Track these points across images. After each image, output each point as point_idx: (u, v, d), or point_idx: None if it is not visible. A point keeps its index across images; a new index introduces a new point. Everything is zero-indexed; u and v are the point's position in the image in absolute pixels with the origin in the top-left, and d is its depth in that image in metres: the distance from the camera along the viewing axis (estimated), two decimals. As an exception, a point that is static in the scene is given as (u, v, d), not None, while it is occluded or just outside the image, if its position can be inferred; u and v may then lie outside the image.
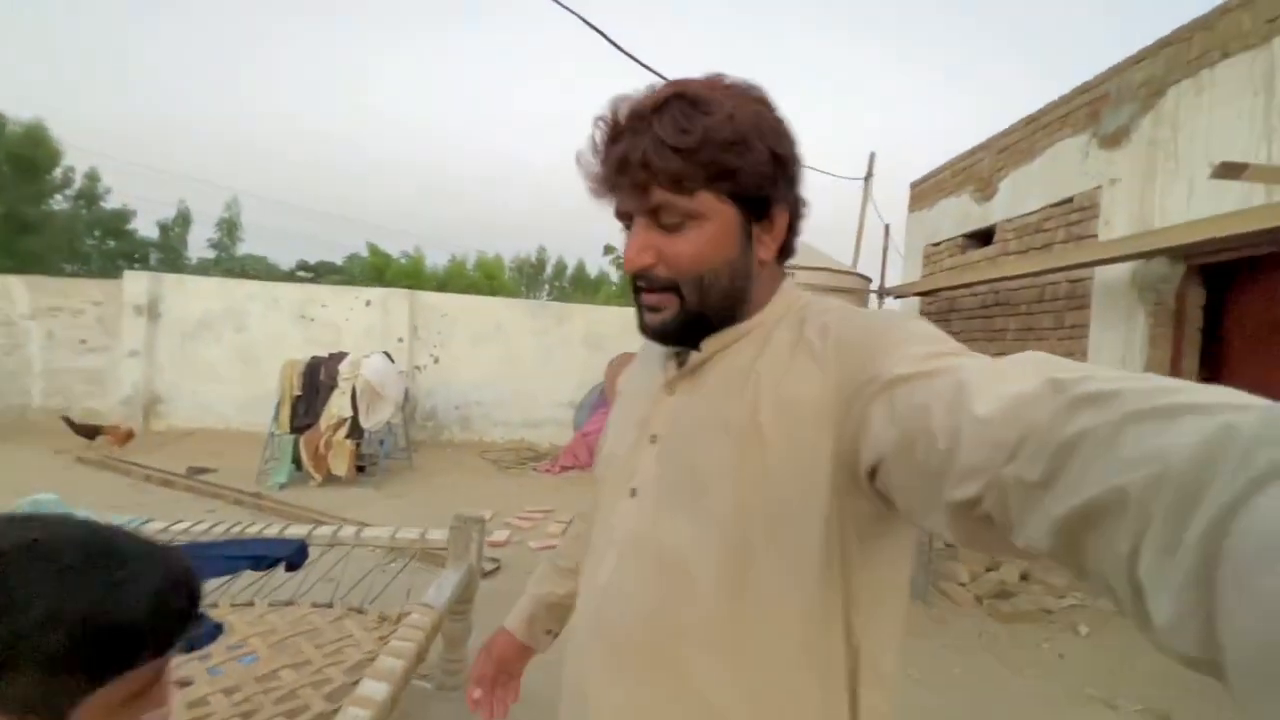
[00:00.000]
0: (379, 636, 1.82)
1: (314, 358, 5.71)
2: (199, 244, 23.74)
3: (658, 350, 0.70)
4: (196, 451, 6.34)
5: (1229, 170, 2.26)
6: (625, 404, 0.74)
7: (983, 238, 5.63)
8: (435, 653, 2.34)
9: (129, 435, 5.79)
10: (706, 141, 0.55)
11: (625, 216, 0.61)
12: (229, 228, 24.13)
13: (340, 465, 5.35)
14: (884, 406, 0.47)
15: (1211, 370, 3.62)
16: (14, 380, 7.02)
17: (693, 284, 0.59)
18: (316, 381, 5.59)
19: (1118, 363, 3.88)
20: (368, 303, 7.36)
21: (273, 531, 2.39)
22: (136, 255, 20.19)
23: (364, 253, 22.24)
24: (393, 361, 5.98)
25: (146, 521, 2.36)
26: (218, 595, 1.99)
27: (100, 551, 0.51)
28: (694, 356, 0.63)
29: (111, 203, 18.62)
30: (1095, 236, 4.13)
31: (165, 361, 7.11)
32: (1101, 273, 4.04)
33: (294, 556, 2.21)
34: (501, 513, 4.81)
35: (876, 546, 0.57)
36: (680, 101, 0.55)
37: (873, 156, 7.96)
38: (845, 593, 0.57)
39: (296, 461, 5.42)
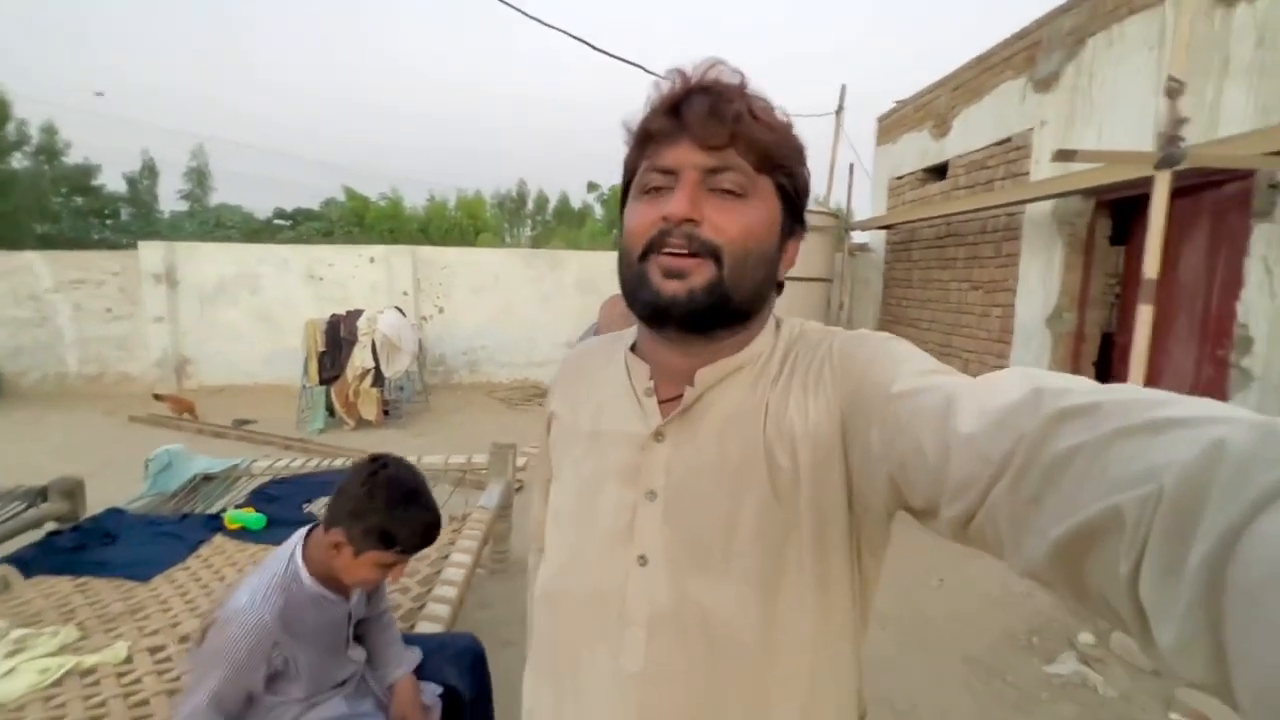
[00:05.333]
0: (451, 531, 2.51)
1: (333, 315, 6.26)
2: (169, 196, 23.11)
3: (620, 381, 0.64)
4: (231, 406, 6.98)
5: (1064, 155, 2.80)
6: (586, 442, 0.64)
7: (939, 172, 6.10)
8: (486, 547, 3.06)
9: (187, 405, 6.37)
10: (788, 134, 0.57)
11: (667, 173, 0.55)
12: (199, 177, 23.45)
13: (369, 410, 6.03)
14: (879, 428, 0.48)
15: (1119, 292, 4.26)
16: (50, 350, 7.54)
17: (738, 254, 0.54)
18: (338, 337, 6.17)
19: (1039, 286, 4.51)
20: (371, 260, 7.82)
21: (338, 464, 3.07)
22: (107, 211, 19.73)
23: (340, 196, 21.96)
24: (404, 315, 6.53)
25: (253, 461, 3.02)
26: (318, 511, 2.67)
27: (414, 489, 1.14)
28: (689, 394, 0.58)
29: (72, 157, 18.03)
30: (1028, 174, 4.65)
31: (189, 325, 7.63)
32: (1030, 207, 4.60)
33: (375, 480, 2.90)
34: (517, 444, 5.53)
35: (875, 567, 0.59)
36: (762, 94, 0.57)
37: (844, 89, 8.22)
38: (862, 617, 0.59)
39: (330, 409, 6.08)
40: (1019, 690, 2.29)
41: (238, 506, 2.57)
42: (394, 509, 1.09)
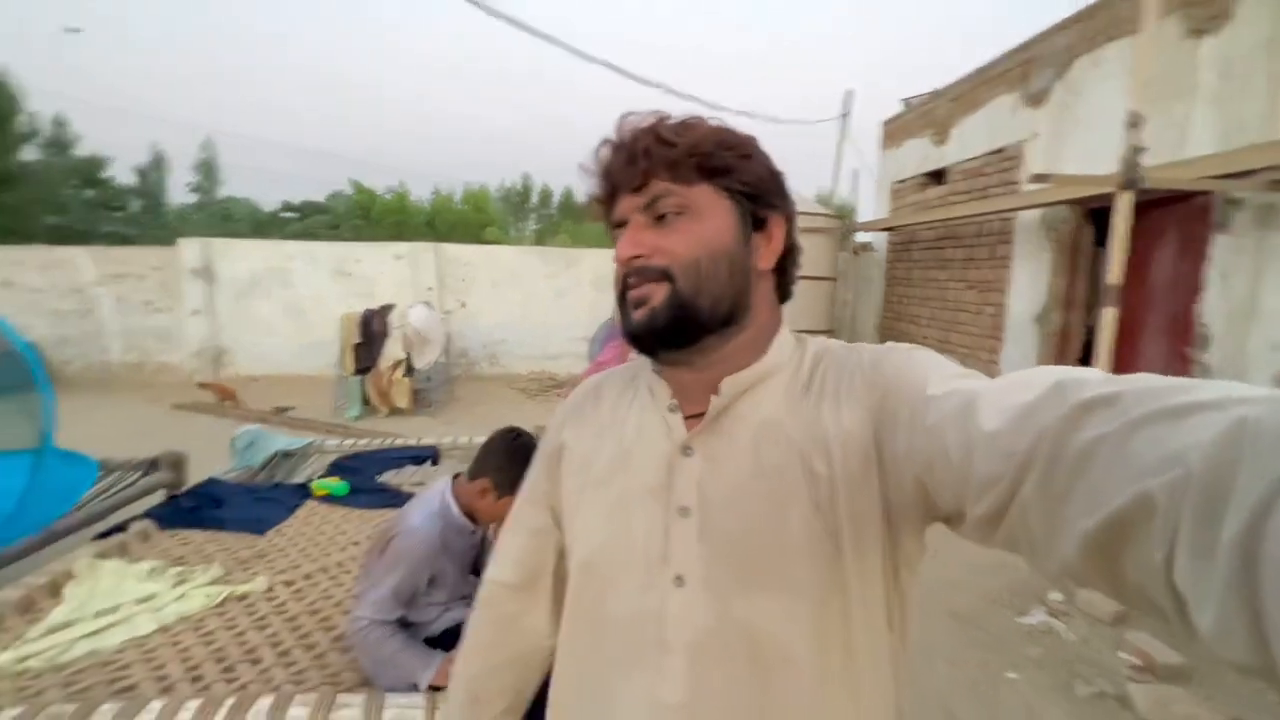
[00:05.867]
0: (505, 499, 2.91)
1: (367, 310, 6.67)
2: (178, 188, 23.34)
3: (642, 401, 0.64)
4: (267, 394, 7.39)
5: (1039, 178, 3.17)
6: (610, 464, 0.63)
7: (938, 177, 6.45)
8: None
9: (230, 393, 6.85)
10: (705, 139, 0.57)
11: (621, 225, 0.59)
12: (207, 170, 23.71)
13: (402, 399, 6.43)
14: (907, 432, 0.49)
15: (1099, 294, 4.62)
16: (94, 340, 7.97)
17: (689, 268, 0.56)
18: (371, 330, 6.57)
19: (1028, 287, 4.87)
20: (397, 257, 8.21)
21: (399, 443, 3.46)
22: (116, 204, 20.00)
23: (347, 190, 22.22)
24: (433, 309, 6.92)
25: (325, 440, 3.41)
26: (398, 480, 3.07)
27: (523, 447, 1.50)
28: (715, 403, 0.58)
29: (81, 149, 18.21)
30: (1019, 183, 5.01)
31: (225, 318, 8.04)
32: (1021, 214, 4.95)
33: (434, 457, 3.31)
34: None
35: (911, 582, 0.59)
36: (681, 116, 0.59)
37: (849, 95, 8.55)
38: (901, 637, 0.58)
39: (364, 398, 6.49)
40: (994, 636, 2.67)
41: (321, 477, 2.97)
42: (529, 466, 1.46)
